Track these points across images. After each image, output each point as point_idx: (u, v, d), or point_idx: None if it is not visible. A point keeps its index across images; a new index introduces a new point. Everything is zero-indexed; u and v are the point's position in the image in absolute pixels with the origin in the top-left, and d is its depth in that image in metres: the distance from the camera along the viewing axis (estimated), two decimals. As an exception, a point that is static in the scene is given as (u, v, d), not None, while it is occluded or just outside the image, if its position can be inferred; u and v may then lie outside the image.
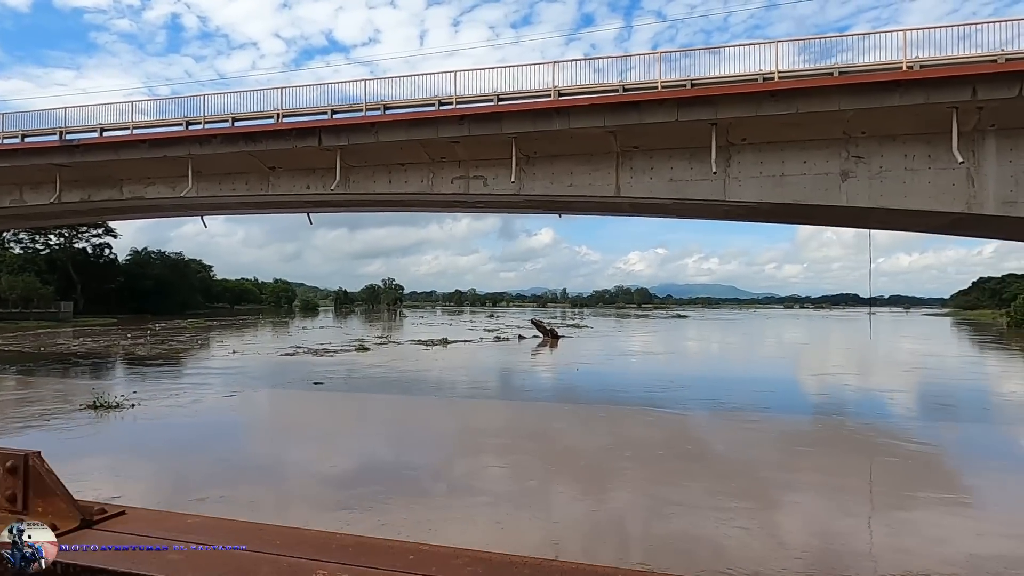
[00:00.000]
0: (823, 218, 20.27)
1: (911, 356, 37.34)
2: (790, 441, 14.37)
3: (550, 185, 19.40)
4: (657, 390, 21.73)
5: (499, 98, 18.63)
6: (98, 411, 16.22)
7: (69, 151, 21.74)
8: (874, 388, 23.96)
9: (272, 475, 11.10)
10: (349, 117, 19.55)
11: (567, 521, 8.76)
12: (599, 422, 16.60)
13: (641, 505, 9.59)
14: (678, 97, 16.44)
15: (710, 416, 17.37)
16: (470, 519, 8.53)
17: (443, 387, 23.39)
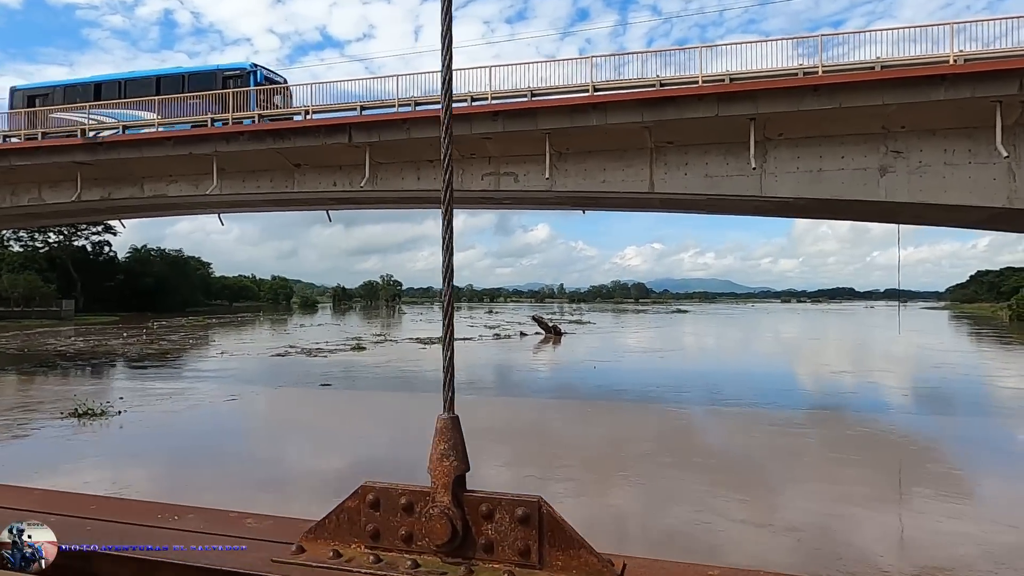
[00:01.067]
0: (856, 213, 20.19)
1: (938, 353, 36.58)
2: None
3: (582, 181, 19.25)
4: (693, 391, 21.62)
5: (532, 94, 18.47)
6: (81, 419, 15.09)
7: (91, 149, 21.46)
8: (918, 389, 22.97)
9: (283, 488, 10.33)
10: (380, 113, 19.38)
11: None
12: (659, 423, 16.42)
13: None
14: (719, 92, 16.31)
15: (767, 421, 16.53)
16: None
17: (465, 391, 23.26)
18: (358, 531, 1.37)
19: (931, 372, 26.67)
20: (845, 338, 53.50)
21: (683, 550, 7.61)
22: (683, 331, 61.42)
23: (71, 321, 67.63)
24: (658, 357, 33.30)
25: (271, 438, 14.74)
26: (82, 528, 1.55)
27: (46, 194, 24.17)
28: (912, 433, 15.29)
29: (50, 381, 23.23)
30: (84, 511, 1.63)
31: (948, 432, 15.40)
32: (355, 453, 13.01)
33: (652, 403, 19.09)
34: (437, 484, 1.31)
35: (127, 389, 21.06)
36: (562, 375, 26.76)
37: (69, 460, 12.02)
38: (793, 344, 46.01)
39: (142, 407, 17.42)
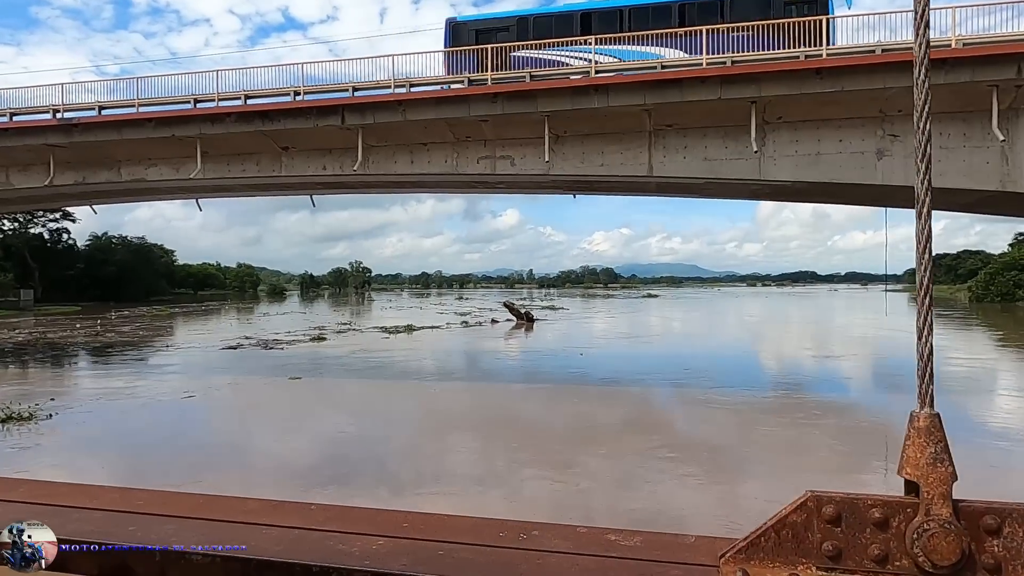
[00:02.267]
0: (852, 196, 20.45)
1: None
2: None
3: (580, 165, 19.08)
4: (689, 377, 21.72)
5: (531, 75, 18.15)
6: (3, 424, 13.27)
7: (66, 130, 20.45)
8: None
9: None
10: (374, 95, 18.82)
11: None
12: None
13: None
14: (722, 74, 16.25)
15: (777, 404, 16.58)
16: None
17: (440, 379, 22.90)
18: (807, 549, 1.16)
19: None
20: (826, 322, 52.97)
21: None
22: (658, 316, 61.81)
23: (30, 312, 65.10)
24: (642, 343, 33.47)
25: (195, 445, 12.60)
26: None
27: (15, 178, 23.01)
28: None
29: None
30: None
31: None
32: (327, 453, 11.89)
33: (645, 389, 19.14)
34: (931, 494, 1.11)
35: (64, 388, 19.04)
36: (544, 363, 25.17)
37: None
38: (780, 330, 45.66)
39: (77, 409, 15.53)
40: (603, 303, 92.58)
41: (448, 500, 8.54)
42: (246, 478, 9.48)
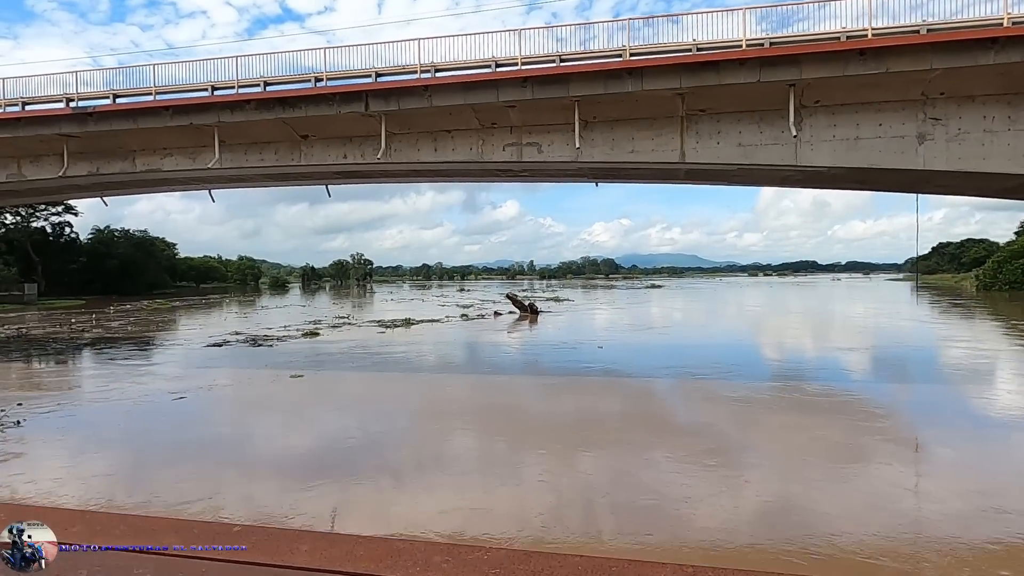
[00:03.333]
0: (888, 182, 19.97)
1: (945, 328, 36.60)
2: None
3: (610, 152, 18.59)
4: (719, 368, 21.31)
5: (561, 59, 17.63)
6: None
7: (80, 119, 19.91)
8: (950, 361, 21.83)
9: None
10: (399, 80, 18.28)
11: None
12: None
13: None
14: (761, 56, 15.72)
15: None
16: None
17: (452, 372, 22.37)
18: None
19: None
20: (840, 311, 51.89)
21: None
22: (667, 307, 61.18)
23: (34, 306, 64.66)
24: (659, 334, 32.92)
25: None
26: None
27: (27, 169, 22.50)
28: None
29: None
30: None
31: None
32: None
33: (686, 385, 18.71)
34: None
35: (34, 391, 17.30)
36: (561, 358, 23.58)
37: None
38: (803, 320, 44.12)
39: (51, 413, 14.11)
40: (607, 294, 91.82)
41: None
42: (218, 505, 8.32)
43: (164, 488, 8.96)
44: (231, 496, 8.75)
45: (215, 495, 8.66)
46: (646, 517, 7.81)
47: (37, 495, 8.65)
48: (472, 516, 7.85)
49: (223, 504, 8.29)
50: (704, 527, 7.49)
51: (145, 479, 9.57)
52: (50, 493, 8.69)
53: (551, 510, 8.06)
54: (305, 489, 8.86)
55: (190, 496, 8.50)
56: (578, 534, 7.33)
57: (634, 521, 7.68)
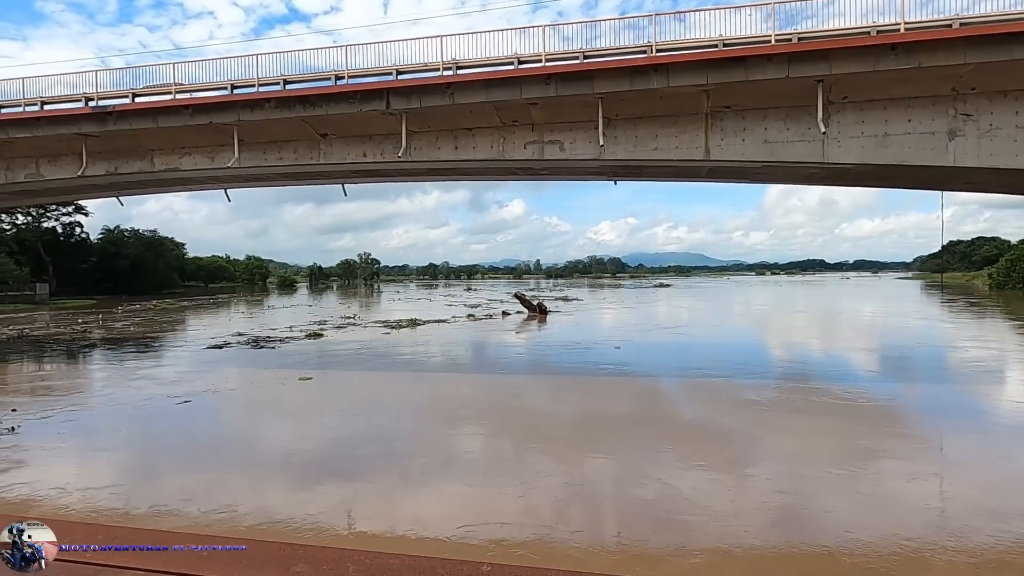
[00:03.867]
0: (915, 179, 19.69)
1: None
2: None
3: (633, 149, 18.40)
4: (747, 369, 21.06)
5: (584, 56, 17.44)
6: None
7: (100, 119, 19.85)
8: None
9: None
10: (420, 77, 18.13)
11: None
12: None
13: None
14: (790, 51, 15.50)
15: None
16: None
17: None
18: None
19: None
20: (857, 310, 51.18)
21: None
22: (678, 306, 60.81)
23: (46, 306, 64.92)
24: (676, 334, 32.60)
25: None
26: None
27: (45, 169, 22.47)
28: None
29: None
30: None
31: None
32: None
33: (716, 386, 18.50)
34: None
35: (34, 395, 16.81)
36: (579, 359, 23.21)
37: None
38: (817, 319, 43.39)
39: (47, 419, 13.53)
40: (614, 293, 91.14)
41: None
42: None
43: (169, 500, 8.72)
44: (243, 510, 8.38)
45: (229, 511, 8.32)
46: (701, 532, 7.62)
47: (33, 507, 8.44)
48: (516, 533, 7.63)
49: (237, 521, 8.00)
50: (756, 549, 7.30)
51: (147, 492, 9.24)
52: (44, 505, 8.42)
53: (614, 527, 7.88)
54: (317, 496, 8.73)
55: (197, 510, 8.27)
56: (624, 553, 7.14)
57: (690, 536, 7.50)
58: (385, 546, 6.99)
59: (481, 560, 3.82)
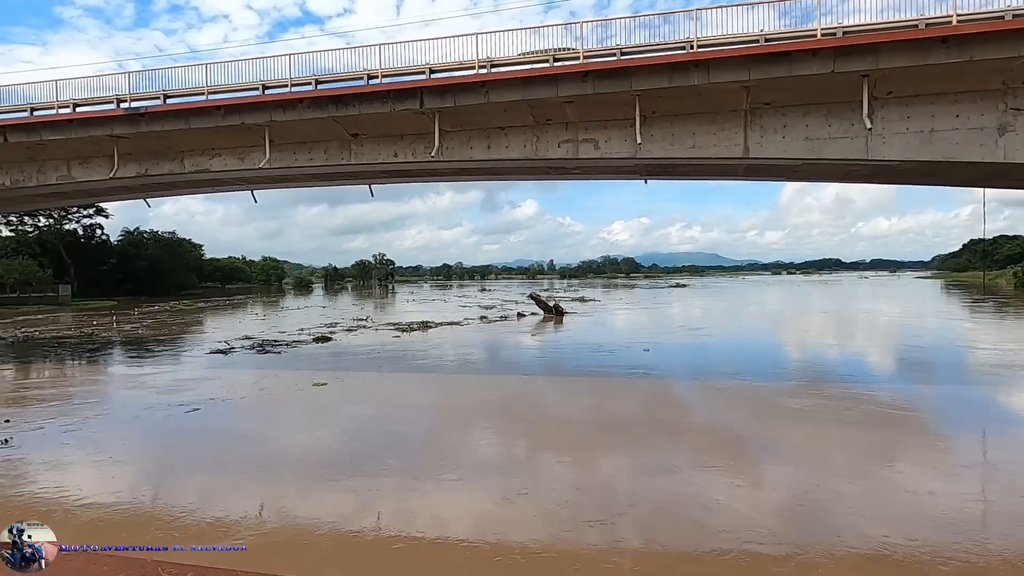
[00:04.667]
0: (962, 177, 19.22)
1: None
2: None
3: (670, 147, 18.08)
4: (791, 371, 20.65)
5: (622, 52, 17.15)
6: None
7: (132, 120, 19.82)
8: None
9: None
10: (455, 76, 17.94)
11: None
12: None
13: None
14: (836, 46, 15.13)
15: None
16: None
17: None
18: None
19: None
20: (884, 311, 49.82)
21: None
22: (697, 306, 60.24)
23: (68, 307, 65.58)
24: (703, 335, 32.15)
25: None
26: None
27: (76, 171, 22.51)
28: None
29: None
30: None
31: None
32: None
33: (760, 389, 18.14)
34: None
35: (28, 404, 15.96)
36: (607, 361, 22.68)
37: None
38: (844, 320, 42.49)
39: (41, 431, 12.82)
40: (631, 293, 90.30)
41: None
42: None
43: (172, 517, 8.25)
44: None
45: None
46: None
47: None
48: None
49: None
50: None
51: (148, 512, 8.59)
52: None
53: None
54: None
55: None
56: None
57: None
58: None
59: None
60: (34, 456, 11.04)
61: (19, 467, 10.45)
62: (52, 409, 15.09)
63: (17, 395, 17.74)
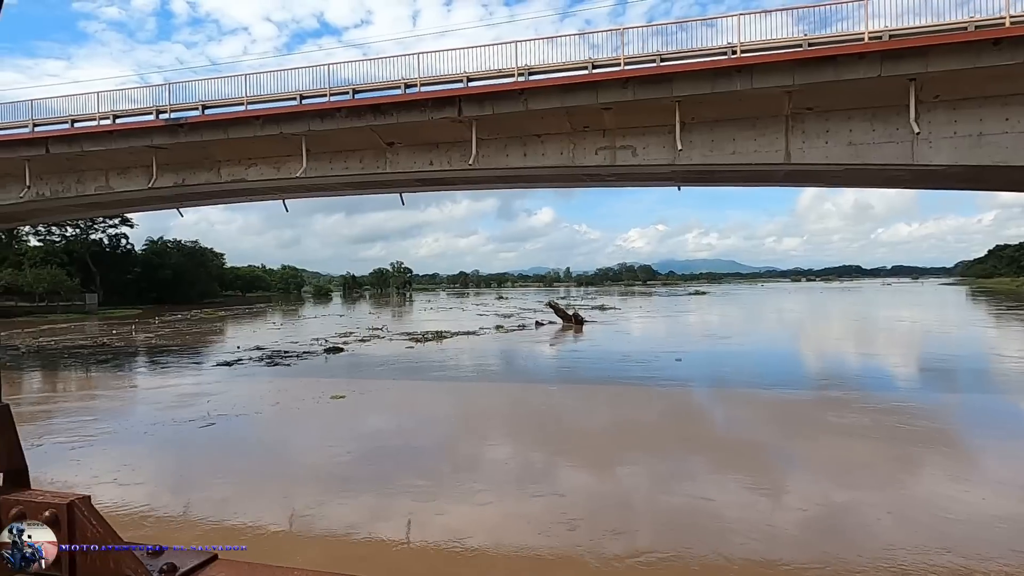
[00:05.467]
0: (1007, 182, 18.87)
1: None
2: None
3: (709, 153, 17.93)
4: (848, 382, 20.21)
5: (661, 59, 17.05)
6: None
7: (172, 131, 20.05)
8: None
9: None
10: (493, 84, 17.94)
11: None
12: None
13: None
14: (883, 49, 14.91)
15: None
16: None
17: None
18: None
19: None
20: (914, 317, 48.62)
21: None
22: (720, 313, 59.55)
23: (96, 315, 66.49)
24: (732, 344, 31.62)
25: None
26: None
27: (115, 182, 22.80)
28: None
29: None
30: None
31: None
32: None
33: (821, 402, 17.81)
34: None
35: (21, 423, 15.07)
36: (638, 372, 22.08)
37: None
38: (878, 327, 41.54)
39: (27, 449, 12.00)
40: (650, 301, 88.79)
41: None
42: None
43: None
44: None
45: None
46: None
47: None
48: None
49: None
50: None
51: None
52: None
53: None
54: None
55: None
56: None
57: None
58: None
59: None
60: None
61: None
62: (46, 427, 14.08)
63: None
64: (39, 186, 23.19)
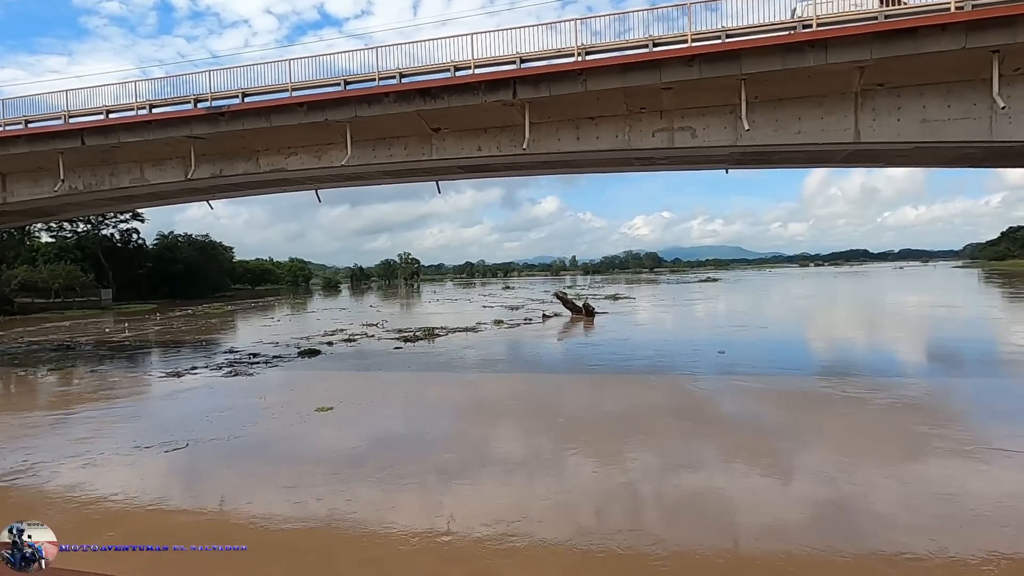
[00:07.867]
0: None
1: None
2: None
3: (773, 134, 17.27)
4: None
5: (726, 34, 16.37)
6: None
7: (212, 120, 19.45)
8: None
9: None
10: (550, 64, 17.29)
11: None
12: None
13: None
14: (969, 20, 14.22)
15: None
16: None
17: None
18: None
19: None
20: (942, 301, 47.46)
21: None
22: (739, 300, 58.64)
23: (111, 310, 66.15)
24: (768, 333, 30.73)
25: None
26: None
27: (150, 174, 22.24)
28: None
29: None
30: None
31: None
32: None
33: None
34: None
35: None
36: (685, 365, 20.65)
37: None
38: (905, 312, 40.19)
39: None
40: (660, 289, 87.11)
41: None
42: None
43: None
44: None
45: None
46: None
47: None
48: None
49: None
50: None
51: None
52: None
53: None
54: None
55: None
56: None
57: None
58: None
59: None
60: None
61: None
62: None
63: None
64: (72, 179, 22.64)
